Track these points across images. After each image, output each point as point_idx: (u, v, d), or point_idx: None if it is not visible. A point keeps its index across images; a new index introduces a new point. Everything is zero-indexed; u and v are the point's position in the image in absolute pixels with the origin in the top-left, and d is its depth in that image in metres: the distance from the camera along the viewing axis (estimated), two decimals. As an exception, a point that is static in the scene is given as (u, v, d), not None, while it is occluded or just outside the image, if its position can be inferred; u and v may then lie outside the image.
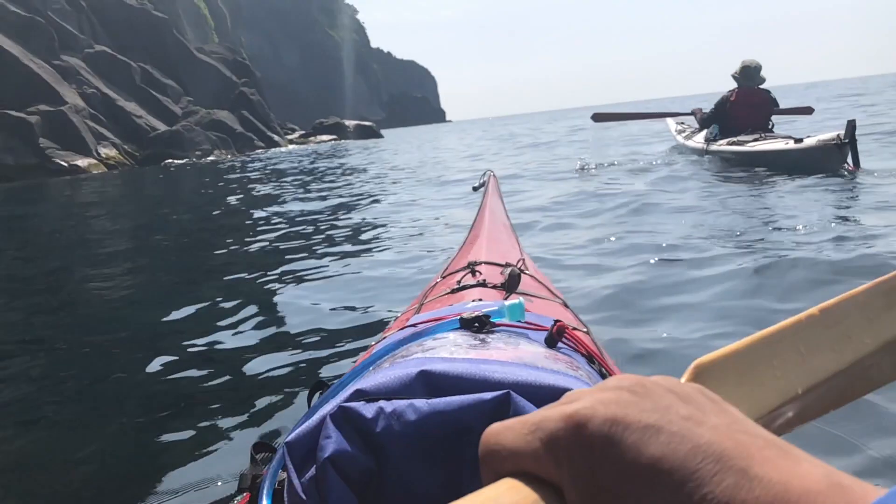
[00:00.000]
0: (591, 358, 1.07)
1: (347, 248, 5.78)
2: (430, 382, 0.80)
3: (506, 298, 1.41)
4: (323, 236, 6.49)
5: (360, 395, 0.79)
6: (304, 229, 7.08)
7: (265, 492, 0.84)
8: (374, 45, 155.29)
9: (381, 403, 0.77)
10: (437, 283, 1.83)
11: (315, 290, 4.28)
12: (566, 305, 1.74)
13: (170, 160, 31.50)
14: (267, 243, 6.43)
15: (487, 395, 0.75)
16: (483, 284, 1.54)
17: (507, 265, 1.62)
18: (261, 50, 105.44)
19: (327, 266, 4.95)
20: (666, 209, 5.60)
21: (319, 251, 5.67)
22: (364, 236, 6.37)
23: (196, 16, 57.81)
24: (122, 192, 16.93)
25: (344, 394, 0.81)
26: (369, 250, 5.58)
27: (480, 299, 1.39)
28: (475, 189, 3.31)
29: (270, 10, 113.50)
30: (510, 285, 1.47)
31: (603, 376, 1.01)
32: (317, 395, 1.02)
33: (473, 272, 1.68)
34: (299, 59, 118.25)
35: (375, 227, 6.88)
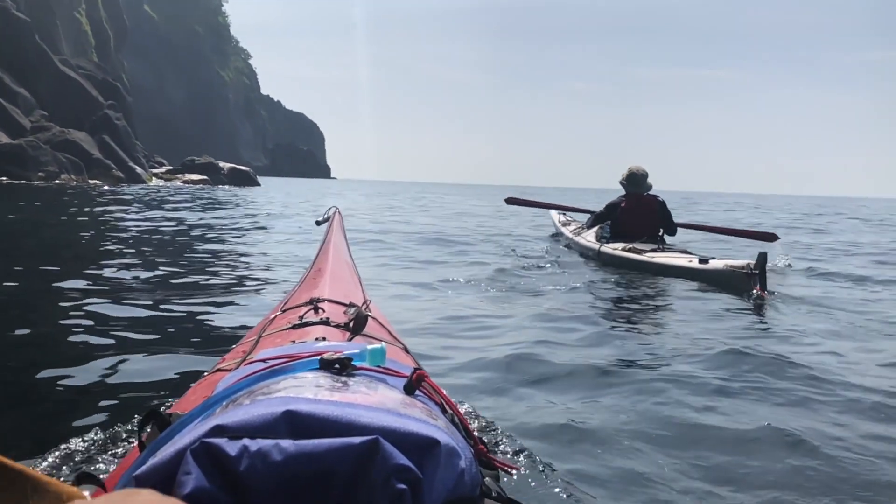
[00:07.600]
0: (443, 407, 1.05)
1: (176, 283, 5.54)
2: (295, 423, 0.77)
3: (350, 339, 1.44)
4: (157, 274, 6.03)
5: (220, 430, 0.76)
6: (135, 269, 6.39)
7: None
8: (264, 91, 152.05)
9: (246, 441, 0.74)
10: (276, 316, 1.81)
11: (139, 323, 4.06)
12: (407, 351, 1.81)
13: (4, 178, 27.32)
14: (97, 277, 5.73)
15: (356, 440, 0.74)
16: (326, 323, 1.56)
17: (352, 305, 1.63)
18: (145, 79, 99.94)
19: (153, 298, 4.70)
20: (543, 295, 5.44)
21: (150, 287, 5.30)
22: (197, 273, 6.09)
23: (76, 31, 52.97)
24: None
25: (202, 428, 0.77)
26: (199, 285, 5.40)
27: (324, 338, 1.41)
28: (318, 223, 3.47)
29: (160, 40, 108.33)
30: (356, 326, 1.49)
31: (455, 425, 1.00)
32: (150, 426, 0.98)
33: (316, 309, 1.70)
34: (185, 95, 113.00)
35: (213, 263, 6.67)
